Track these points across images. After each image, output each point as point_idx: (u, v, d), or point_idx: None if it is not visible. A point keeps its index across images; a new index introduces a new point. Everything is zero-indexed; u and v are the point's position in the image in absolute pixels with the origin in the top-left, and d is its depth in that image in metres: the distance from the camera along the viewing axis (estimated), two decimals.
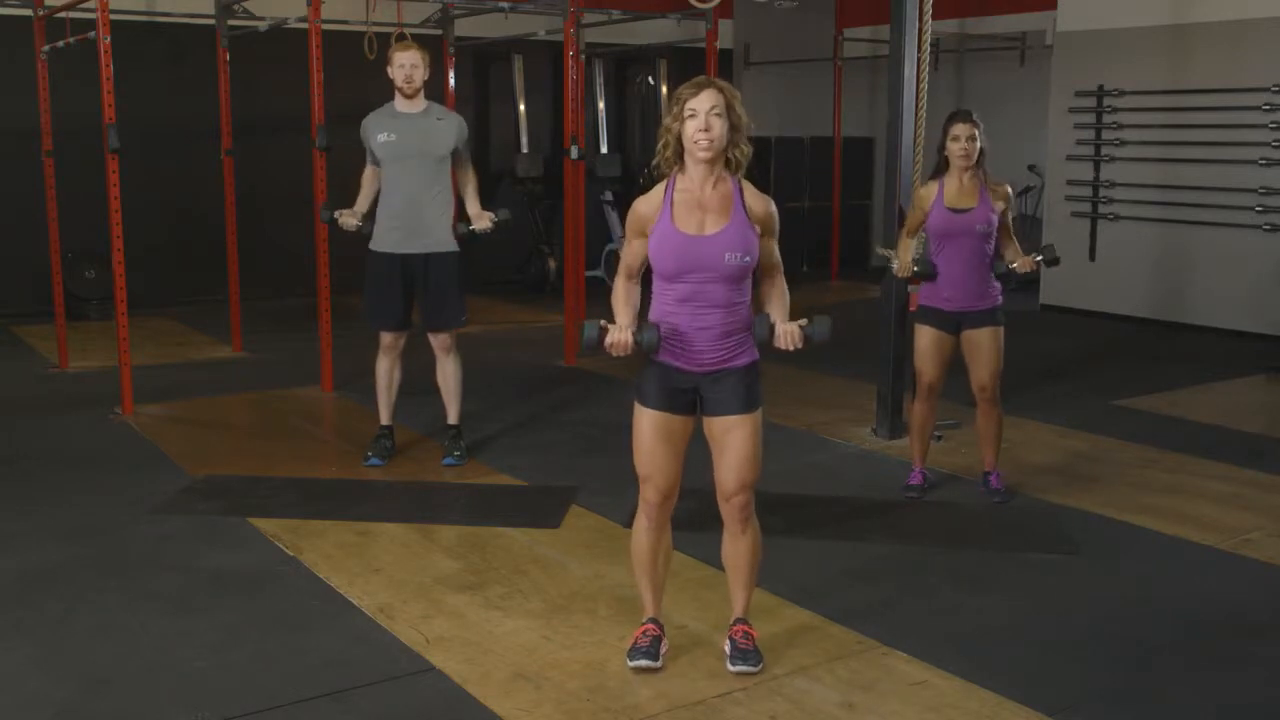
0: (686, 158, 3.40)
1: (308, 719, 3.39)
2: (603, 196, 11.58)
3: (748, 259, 3.40)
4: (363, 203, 5.66)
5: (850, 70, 12.46)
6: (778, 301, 3.53)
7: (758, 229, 3.42)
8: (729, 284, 3.41)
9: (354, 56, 7.99)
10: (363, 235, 5.63)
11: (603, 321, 3.44)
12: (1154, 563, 4.64)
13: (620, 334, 3.43)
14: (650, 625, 3.69)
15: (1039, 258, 5.10)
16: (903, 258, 5.29)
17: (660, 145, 3.43)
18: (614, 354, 3.44)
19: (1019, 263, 5.07)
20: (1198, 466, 5.81)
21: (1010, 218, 5.14)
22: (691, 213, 3.40)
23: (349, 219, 5.63)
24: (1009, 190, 5.14)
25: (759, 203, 3.44)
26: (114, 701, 3.49)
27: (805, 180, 12.82)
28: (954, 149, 5.00)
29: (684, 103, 3.35)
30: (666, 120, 3.41)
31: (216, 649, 3.81)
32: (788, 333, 3.40)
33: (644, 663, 3.60)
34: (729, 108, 3.35)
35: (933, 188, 5.12)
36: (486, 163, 11.50)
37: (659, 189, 3.46)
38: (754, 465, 3.52)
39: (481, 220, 5.64)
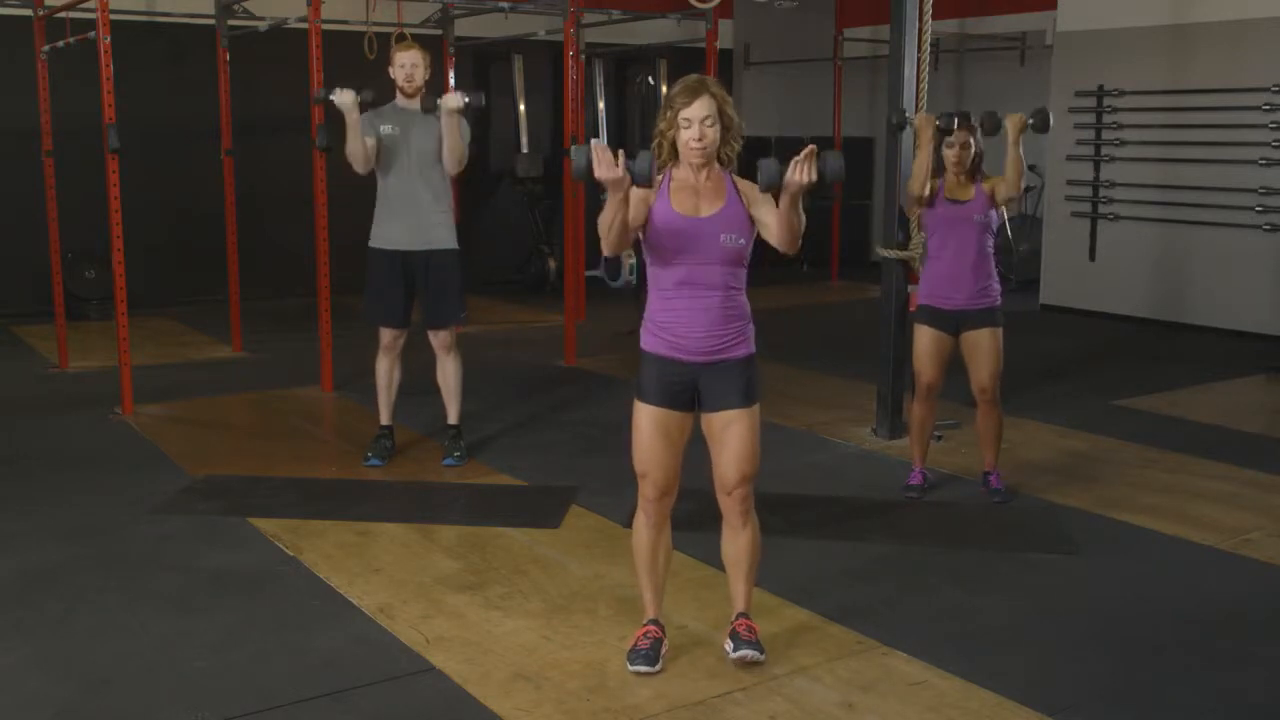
0: (681, 156, 3.45)
1: (308, 719, 3.39)
2: (602, 196, 11.55)
3: (742, 241, 3.45)
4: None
5: (850, 70, 12.46)
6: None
7: (751, 206, 3.45)
8: (725, 267, 3.44)
9: (354, 56, 7.98)
10: (365, 102, 5.39)
11: (595, 141, 3.36)
12: (1154, 563, 4.64)
13: (609, 156, 3.25)
14: (651, 626, 3.69)
15: (1030, 120, 5.05)
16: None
17: (654, 147, 3.46)
18: (601, 174, 3.24)
19: (1008, 121, 5.01)
20: (1198, 466, 5.81)
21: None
22: (688, 197, 3.46)
23: (345, 94, 5.38)
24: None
25: (748, 185, 3.48)
26: (114, 701, 3.49)
27: None
28: (948, 155, 5.06)
29: (678, 111, 3.38)
30: (661, 125, 3.45)
31: (216, 649, 3.81)
32: (798, 165, 3.23)
33: (644, 668, 3.60)
34: (721, 112, 3.39)
35: (931, 184, 5.16)
36: (486, 163, 11.51)
37: (656, 179, 3.48)
38: (753, 459, 3.53)
39: (451, 98, 5.35)
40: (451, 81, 9.67)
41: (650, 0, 9.85)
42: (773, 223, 3.42)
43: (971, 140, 5.03)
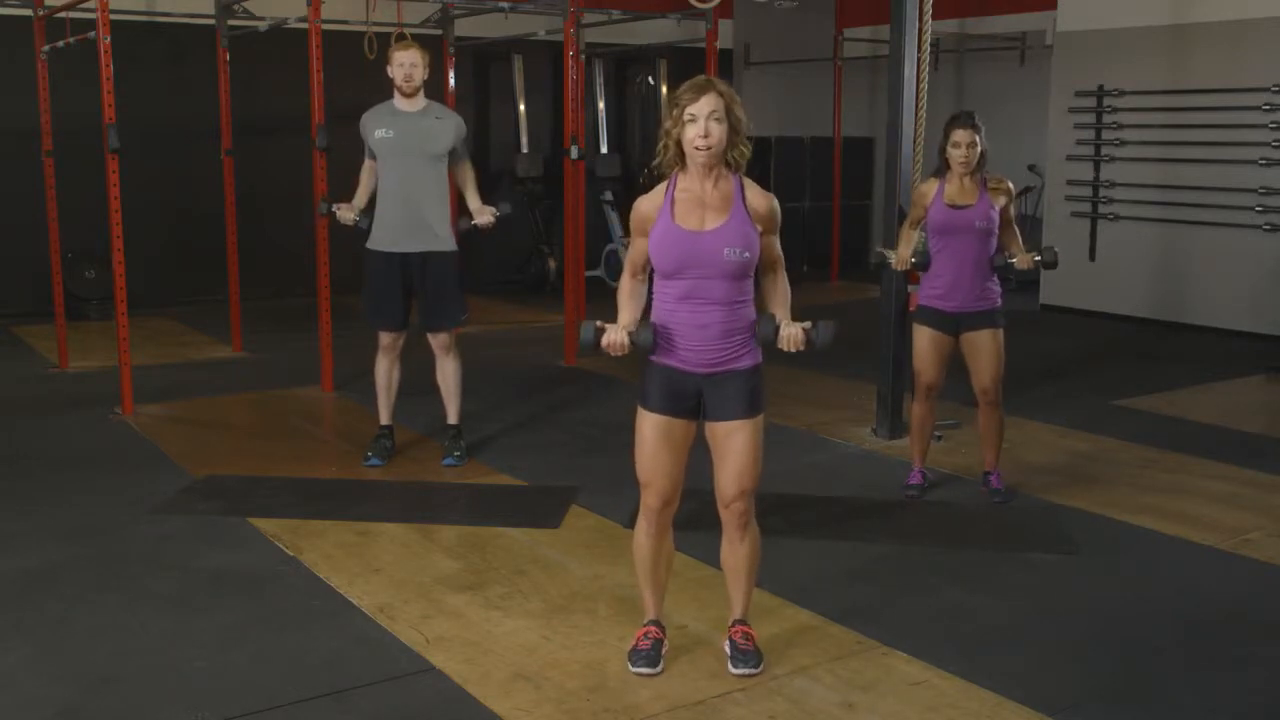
0: (687, 159, 3.39)
1: (308, 719, 3.39)
2: (603, 196, 11.58)
3: (747, 255, 3.39)
4: (361, 197, 5.66)
5: (850, 70, 12.45)
6: (780, 299, 3.53)
7: (759, 227, 3.42)
8: (729, 281, 3.40)
9: (354, 56, 7.99)
10: (360, 230, 5.62)
11: (599, 322, 3.45)
12: (1154, 563, 4.64)
13: (616, 334, 3.43)
14: (651, 627, 3.69)
15: (1038, 258, 5.11)
16: (901, 252, 5.30)
17: (660, 147, 3.43)
18: (611, 354, 3.44)
19: (1019, 259, 5.08)
20: (1198, 466, 5.81)
21: (1012, 212, 5.15)
22: (692, 210, 3.40)
23: (346, 213, 5.61)
24: (1009, 185, 5.15)
25: (761, 200, 3.44)
26: (114, 701, 3.49)
27: (805, 180, 12.82)
28: (954, 155, 5.01)
29: (683, 107, 3.33)
30: (666, 124, 3.39)
31: (216, 649, 3.81)
32: (791, 336, 3.39)
33: (644, 670, 3.60)
34: (728, 110, 3.34)
35: (932, 184, 5.14)
36: (486, 163, 11.51)
37: (660, 188, 3.46)
38: (754, 472, 3.51)
39: (483, 215, 5.62)
40: (451, 82, 9.67)
41: (650, 0, 9.85)
42: (764, 256, 3.46)
43: (977, 139, 5.01)
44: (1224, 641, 3.92)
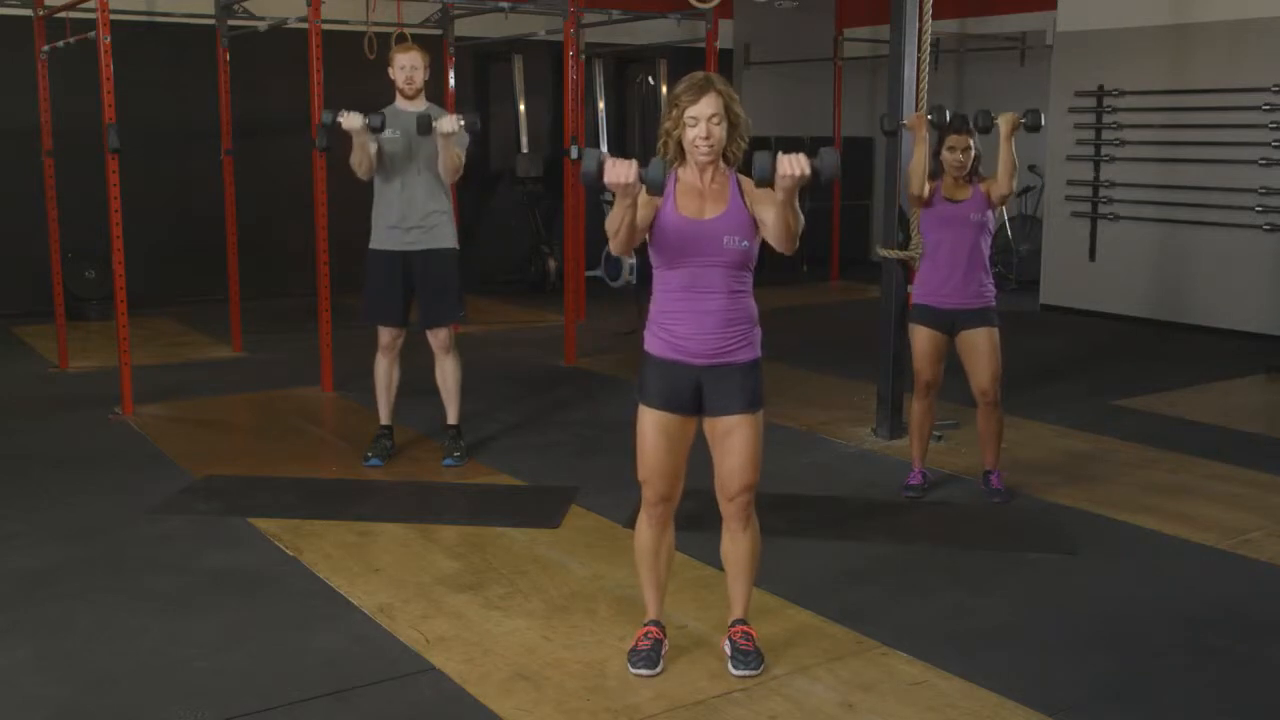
0: (687, 155, 3.42)
1: (308, 719, 3.39)
2: (603, 196, 11.57)
3: (746, 244, 3.41)
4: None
5: (850, 70, 12.45)
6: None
7: (754, 208, 3.40)
8: (729, 270, 3.42)
9: (354, 56, 7.99)
10: (373, 128, 5.36)
11: (606, 152, 3.27)
12: (1154, 563, 4.64)
13: (623, 165, 3.18)
14: (652, 627, 3.69)
15: (1023, 120, 5.07)
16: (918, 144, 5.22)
17: (660, 146, 3.44)
18: (611, 179, 3.17)
19: (1001, 120, 5.04)
20: (1198, 466, 5.81)
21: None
22: (692, 199, 3.43)
23: (354, 118, 5.35)
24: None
25: (751, 183, 3.44)
26: (114, 701, 3.49)
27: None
28: (949, 159, 5.07)
29: (684, 109, 3.34)
30: (666, 124, 3.41)
31: (216, 649, 3.81)
32: (792, 158, 3.18)
33: (644, 671, 3.60)
34: (728, 109, 3.36)
35: (929, 186, 5.17)
36: (487, 163, 11.51)
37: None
38: (755, 466, 3.52)
39: (446, 121, 5.34)
40: (451, 82, 9.67)
41: (650, 0, 9.85)
42: (770, 220, 3.36)
43: (971, 143, 5.06)
44: (1224, 641, 3.92)
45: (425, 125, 5.37)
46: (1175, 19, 9.54)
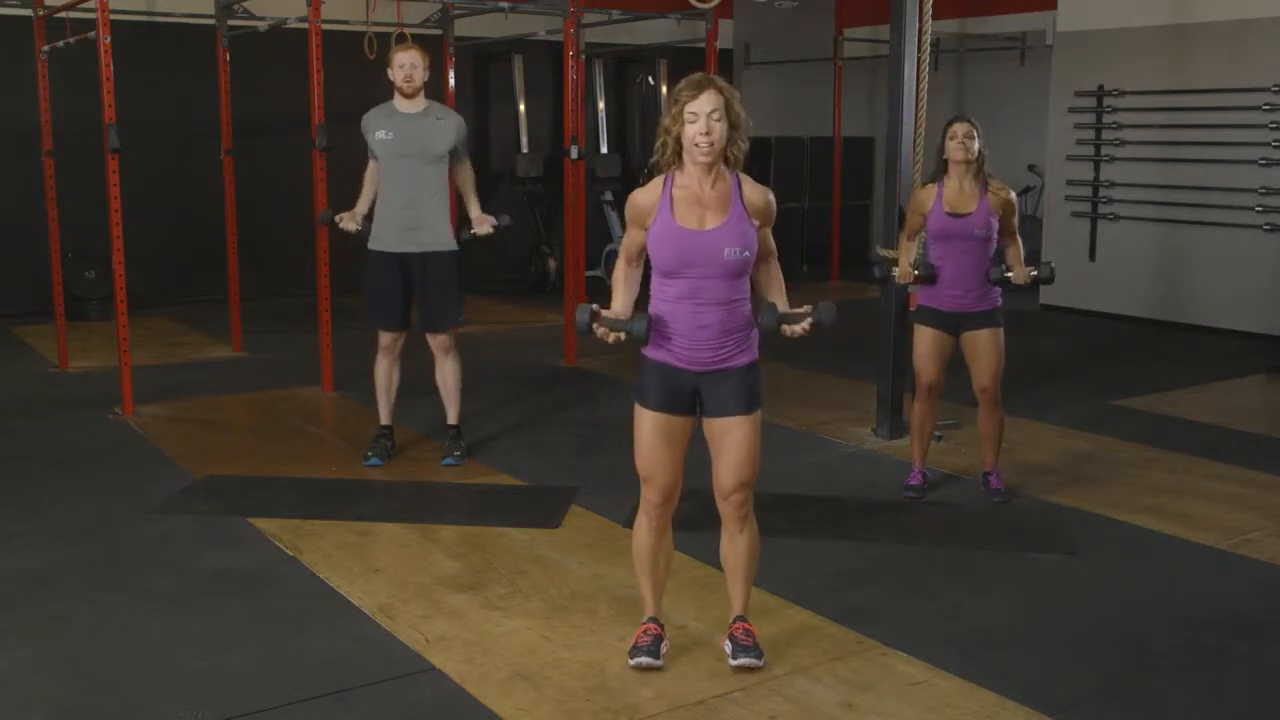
0: (685, 157, 3.39)
1: (307, 719, 3.39)
2: (603, 196, 11.59)
3: (746, 254, 3.40)
4: (363, 203, 5.67)
5: (850, 70, 12.45)
6: (776, 287, 3.56)
7: (756, 221, 3.42)
8: (728, 280, 3.40)
9: (354, 56, 7.99)
10: (363, 235, 5.63)
11: (595, 306, 3.42)
12: (1154, 563, 4.64)
13: (610, 326, 3.41)
14: (651, 625, 3.69)
15: (1034, 273, 5.09)
16: (902, 265, 5.29)
17: (659, 145, 3.42)
18: (604, 340, 3.42)
19: (1015, 273, 5.08)
20: (1198, 466, 5.81)
21: (1015, 222, 5.13)
22: (691, 208, 3.40)
23: (349, 222, 5.63)
24: (1011, 196, 5.10)
25: (757, 194, 3.44)
26: (113, 701, 3.49)
27: (805, 180, 12.81)
28: (952, 145, 5.01)
29: (684, 106, 3.33)
30: (665, 121, 3.39)
31: (216, 649, 3.81)
32: (798, 329, 3.42)
33: (645, 660, 3.60)
34: (728, 108, 3.33)
35: (931, 190, 5.12)
36: (487, 163, 11.51)
37: (657, 182, 3.46)
38: (752, 465, 3.52)
39: (483, 225, 5.64)
40: (451, 82, 9.67)
41: (650, 0, 9.84)
42: (760, 263, 3.48)
43: (975, 132, 5.00)
44: (1224, 641, 3.92)
45: (466, 235, 5.66)
46: (1175, 19, 9.54)
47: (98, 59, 6.45)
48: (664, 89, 11.91)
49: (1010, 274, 5.08)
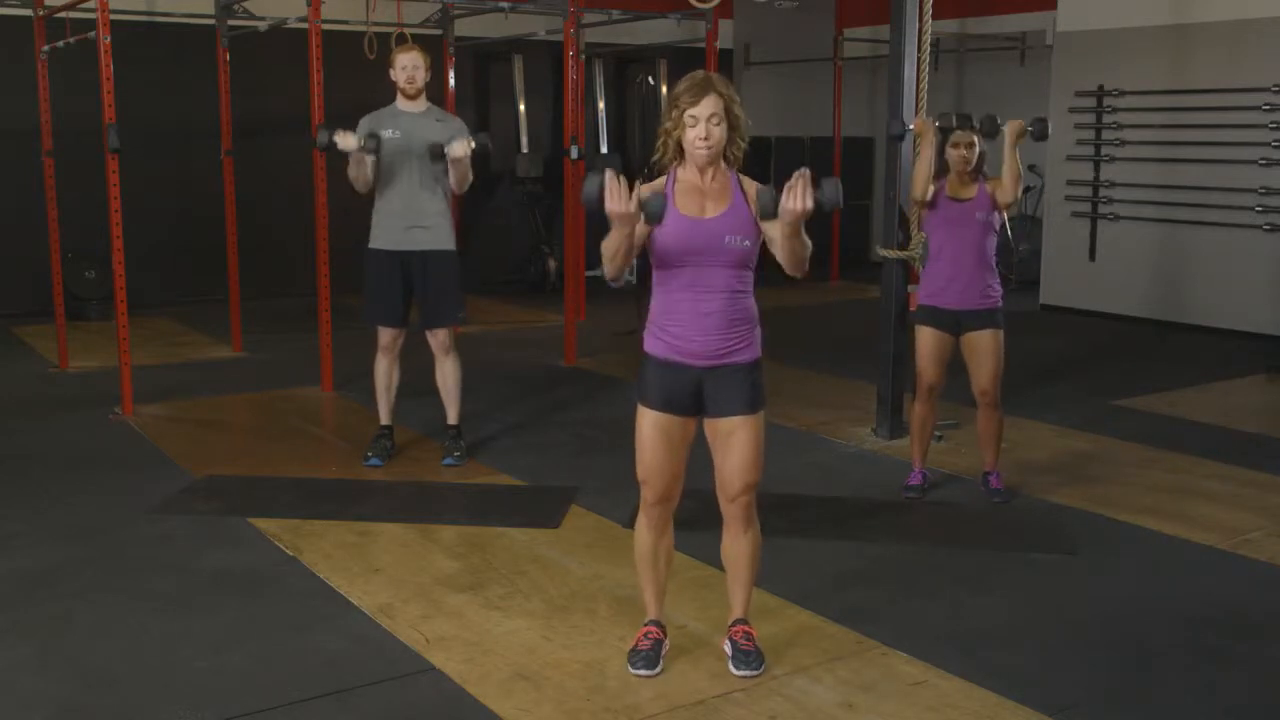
0: (686, 156, 3.41)
1: (307, 719, 3.39)
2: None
3: (747, 243, 3.40)
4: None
5: (850, 70, 12.45)
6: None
7: (760, 226, 3.42)
8: (730, 269, 3.41)
9: (354, 56, 8.00)
10: (368, 151, 5.39)
11: (610, 173, 3.23)
12: (1154, 563, 4.64)
13: (624, 191, 3.21)
14: (652, 627, 3.69)
15: (1030, 127, 5.07)
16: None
17: (659, 145, 3.44)
18: (613, 206, 3.20)
19: (1007, 127, 5.04)
20: (1198, 466, 5.81)
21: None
22: (692, 197, 3.42)
23: (349, 139, 5.39)
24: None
25: (754, 187, 3.45)
26: (113, 701, 3.49)
27: None
28: (954, 155, 5.09)
29: (684, 110, 3.34)
30: (666, 124, 3.40)
31: (216, 649, 3.81)
32: (796, 191, 3.20)
33: (644, 671, 3.60)
34: (728, 110, 3.35)
35: (931, 188, 5.17)
36: (486, 163, 11.49)
37: (661, 180, 3.48)
38: (757, 467, 3.52)
39: (458, 145, 5.42)
40: (451, 82, 9.67)
41: (650, 0, 9.85)
42: (778, 247, 3.38)
43: (976, 141, 5.05)
44: (1224, 641, 3.92)
45: (438, 152, 5.44)
46: (1175, 19, 9.54)
47: (98, 59, 6.45)
48: (664, 89, 11.90)
49: (1002, 126, 5.05)
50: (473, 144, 5.46)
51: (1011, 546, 4.83)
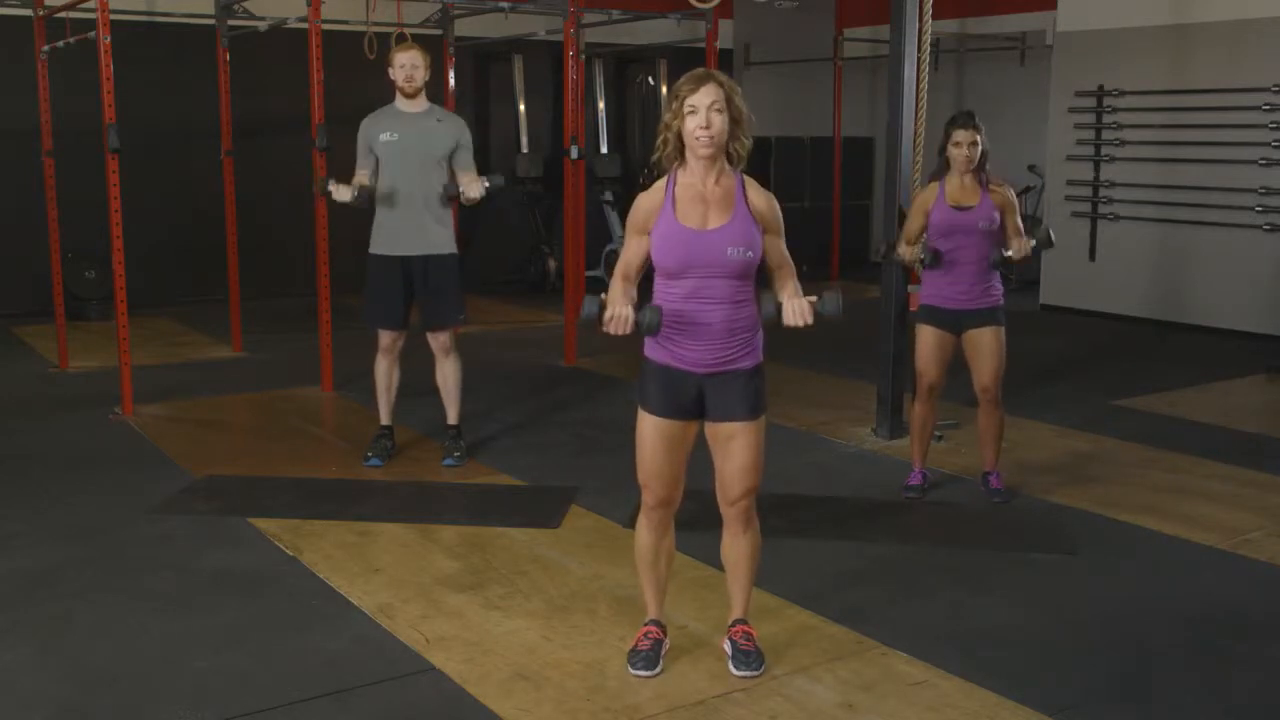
0: (687, 153, 3.36)
1: (307, 719, 3.39)
2: (603, 196, 11.58)
3: (750, 254, 3.37)
4: (361, 177, 5.54)
5: (850, 70, 12.45)
6: (790, 285, 3.47)
7: (761, 225, 3.41)
8: (732, 280, 3.38)
9: (354, 56, 7.99)
10: (361, 200, 5.45)
11: (604, 295, 3.36)
12: (1154, 563, 4.64)
13: (620, 308, 3.31)
14: (652, 627, 3.69)
15: (1033, 243, 5.07)
16: (906, 249, 5.28)
17: (659, 141, 3.40)
18: (611, 331, 3.32)
19: (1015, 247, 5.05)
20: (1198, 466, 5.81)
21: (1018, 220, 5.12)
22: (694, 207, 3.37)
23: (344, 191, 5.45)
24: (1010, 194, 5.10)
25: (761, 198, 3.42)
26: (114, 701, 3.49)
27: (805, 180, 12.81)
28: (956, 154, 5.00)
29: (683, 99, 3.30)
30: (666, 117, 3.36)
31: (216, 649, 3.81)
32: (796, 308, 3.32)
33: (643, 672, 3.60)
34: (729, 101, 3.31)
35: (933, 189, 5.12)
36: (487, 163, 11.50)
37: (660, 184, 3.44)
38: (757, 470, 3.51)
39: (473, 186, 5.47)
40: (451, 82, 9.67)
41: (650, 0, 9.84)
42: (772, 270, 3.46)
43: (978, 138, 5.00)
44: (1224, 641, 3.92)
45: (453, 190, 5.48)
46: (1175, 19, 9.54)
47: (98, 59, 6.45)
48: (664, 89, 11.91)
49: (1009, 251, 5.07)
50: (487, 183, 5.49)
51: (1011, 546, 4.83)
